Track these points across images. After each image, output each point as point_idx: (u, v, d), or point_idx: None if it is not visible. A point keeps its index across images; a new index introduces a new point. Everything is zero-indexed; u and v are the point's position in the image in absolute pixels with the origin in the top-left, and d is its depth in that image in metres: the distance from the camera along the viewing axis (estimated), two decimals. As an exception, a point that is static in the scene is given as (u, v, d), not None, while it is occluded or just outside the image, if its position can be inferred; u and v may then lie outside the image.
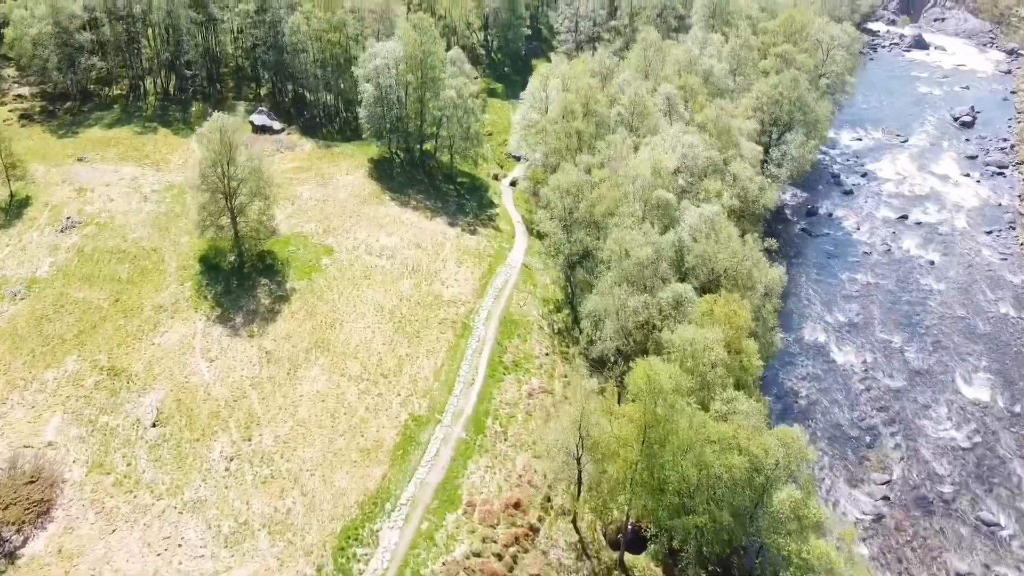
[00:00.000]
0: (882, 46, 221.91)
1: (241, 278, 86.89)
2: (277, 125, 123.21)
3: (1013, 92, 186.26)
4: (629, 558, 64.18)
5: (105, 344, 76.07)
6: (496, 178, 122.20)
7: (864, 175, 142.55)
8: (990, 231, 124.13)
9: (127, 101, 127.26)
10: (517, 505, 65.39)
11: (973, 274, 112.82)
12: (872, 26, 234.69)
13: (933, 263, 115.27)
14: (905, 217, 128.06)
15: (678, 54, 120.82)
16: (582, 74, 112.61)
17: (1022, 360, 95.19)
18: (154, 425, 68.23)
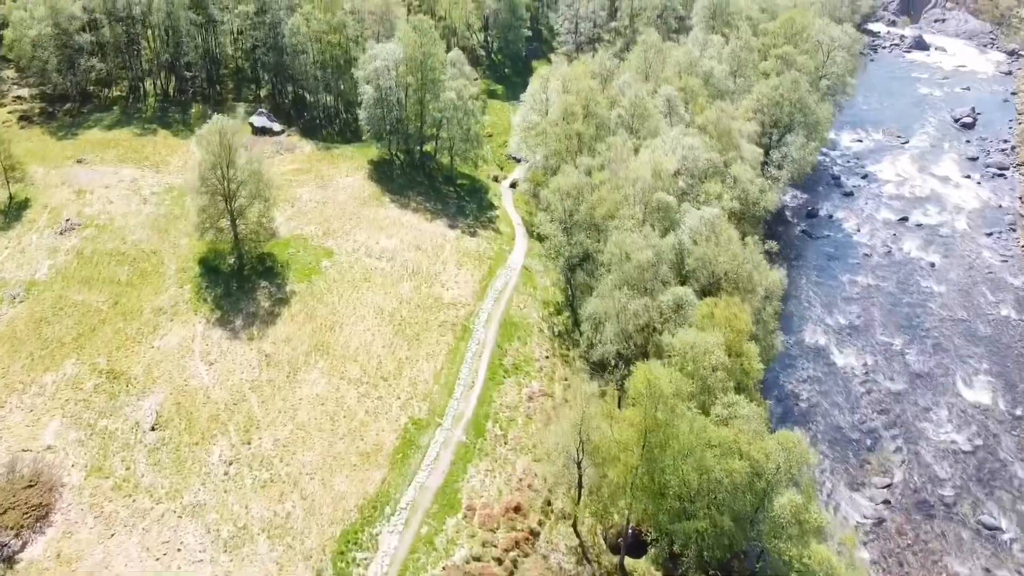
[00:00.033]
0: (882, 47, 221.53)
1: (241, 281, 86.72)
2: (277, 127, 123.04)
3: (1014, 93, 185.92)
4: (630, 562, 64.02)
5: (104, 347, 75.93)
6: (496, 180, 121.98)
7: (864, 177, 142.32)
8: (991, 233, 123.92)
9: (127, 103, 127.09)
10: (517, 509, 65.22)
11: (974, 276, 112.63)
12: (872, 27, 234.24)
13: (934, 265, 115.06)
14: (906, 219, 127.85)
15: (678, 56, 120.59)
16: (582, 76, 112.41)
17: (1023, 363, 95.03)
18: (153, 429, 68.12)
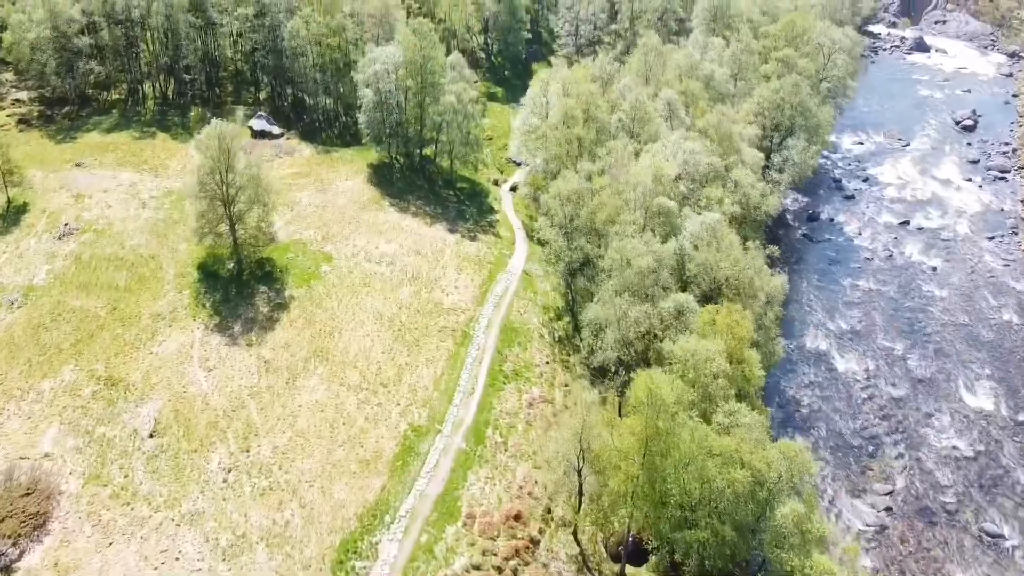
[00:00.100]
0: (883, 49, 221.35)
1: (240, 286, 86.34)
2: (276, 130, 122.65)
3: (1015, 95, 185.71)
4: (630, 571, 63.67)
5: (102, 353, 75.54)
6: (496, 183, 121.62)
7: (865, 180, 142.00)
8: (992, 236, 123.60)
9: (126, 105, 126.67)
10: (517, 517, 64.87)
11: (975, 280, 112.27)
12: (873, 28, 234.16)
13: (935, 269, 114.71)
14: (907, 222, 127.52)
15: (679, 59, 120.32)
16: (583, 79, 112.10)
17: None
18: (151, 436, 67.72)
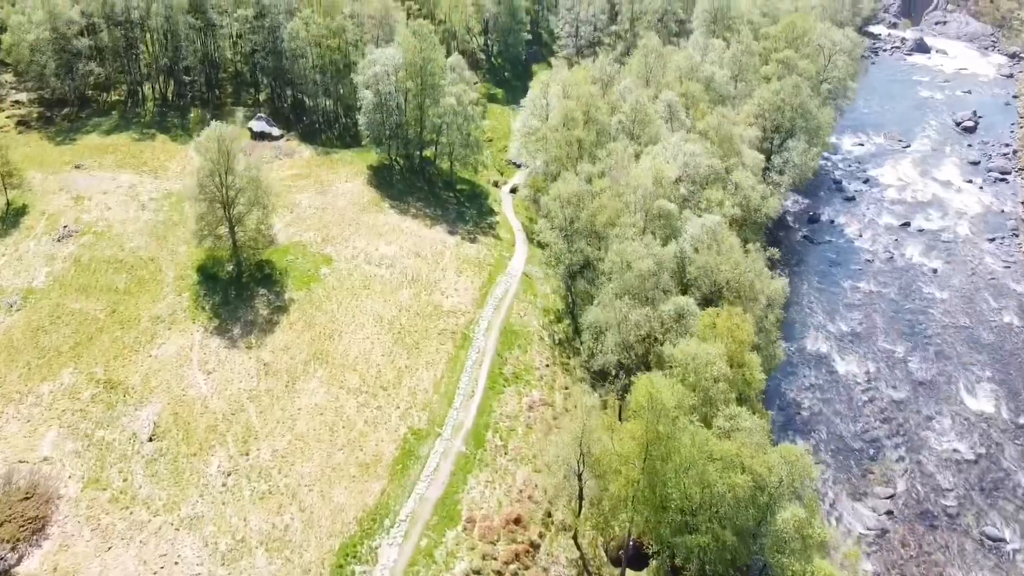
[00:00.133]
0: (883, 49, 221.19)
1: (239, 288, 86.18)
2: (276, 131, 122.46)
3: (1015, 96, 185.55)
4: (631, 575, 63.49)
5: (102, 356, 75.36)
6: (496, 185, 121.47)
7: (866, 181, 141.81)
8: (993, 238, 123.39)
9: (125, 107, 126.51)
10: (518, 521, 64.69)
11: (976, 282, 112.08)
12: (873, 29, 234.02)
13: (936, 271, 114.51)
14: (907, 224, 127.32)
15: (679, 61, 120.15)
16: (583, 81, 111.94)
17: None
18: (151, 439, 67.55)
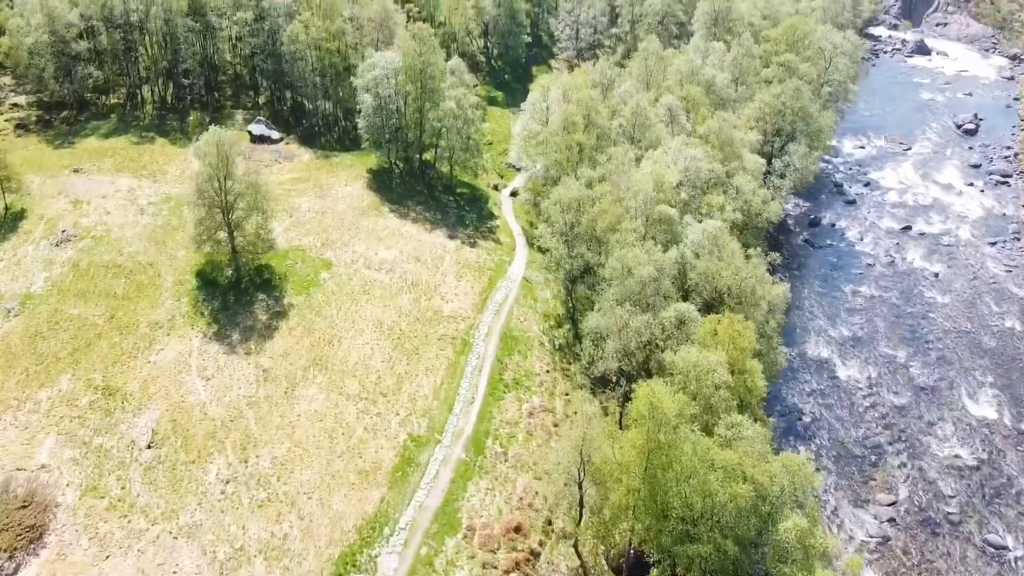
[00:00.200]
0: (884, 51, 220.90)
1: (238, 293, 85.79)
2: (275, 135, 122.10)
3: (1016, 99, 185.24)
4: (632, 584, 63.18)
5: (100, 362, 74.98)
6: (496, 188, 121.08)
7: (867, 184, 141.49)
8: (994, 242, 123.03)
9: (124, 110, 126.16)
10: (518, 529, 64.33)
11: (978, 286, 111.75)
12: (874, 31, 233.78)
13: (937, 275, 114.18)
14: (909, 228, 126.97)
15: (680, 64, 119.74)
16: (583, 85, 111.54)
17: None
18: (149, 446, 67.17)
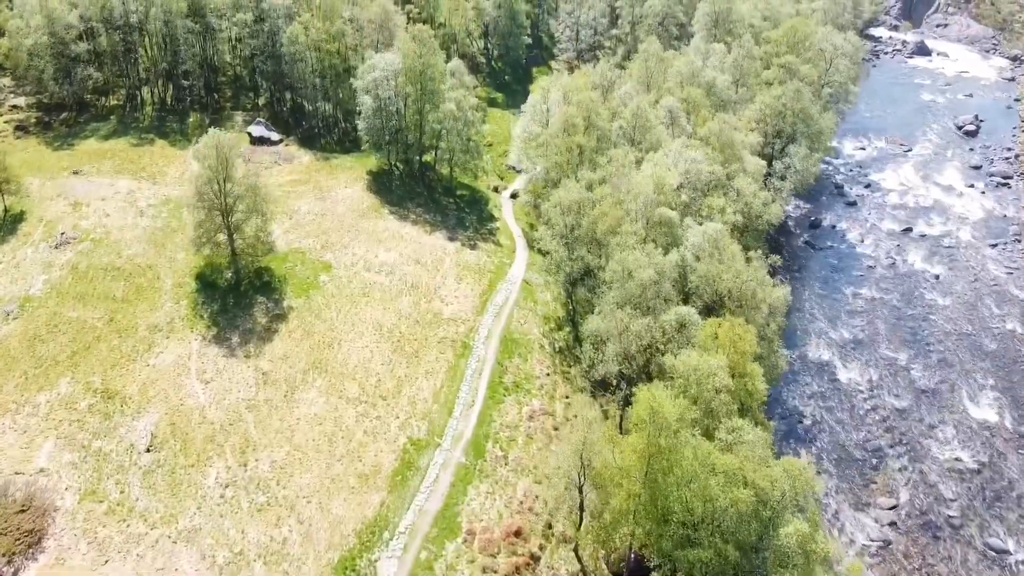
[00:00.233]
0: (884, 52, 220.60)
1: (238, 296, 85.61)
2: (275, 136, 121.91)
3: (1017, 100, 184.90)
4: (632, 588, 62.98)
5: (99, 365, 74.80)
6: (496, 190, 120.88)
7: (868, 186, 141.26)
8: (995, 244, 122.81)
9: (124, 112, 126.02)
10: (518, 533, 64.15)
11: (979, 289, 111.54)
12: (874, 32, 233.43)
13: (938, 277, 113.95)
14: (909, 229, 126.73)
15: (680, 66, 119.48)
16: (583, 87, 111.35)
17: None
18: (148, 450, 67.01)
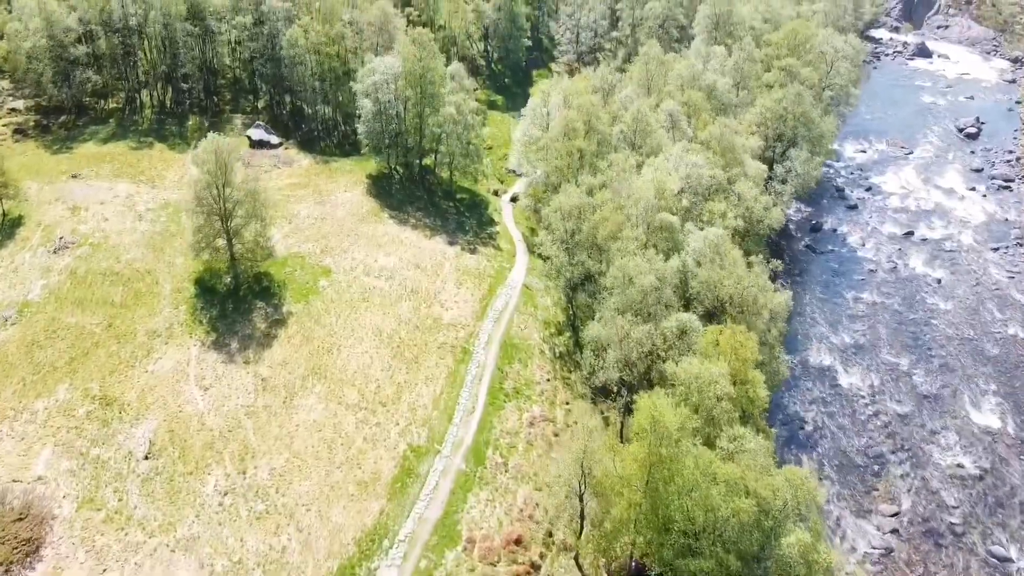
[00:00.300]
0: (885, 54, 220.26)
1: (237, 301, 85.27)
2: (275, 140, 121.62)
3: (1018, 102, 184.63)
4: (633, 597, 62.64)
5: (97, 372, 74.47)
6: (496, 194, 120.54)
7: (869, 189, 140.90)
8: (997, 247, 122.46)
9: (123, 115, 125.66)
10: (518, 541, 63.77)
11: (981, 293, 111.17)
12: (875, 33, 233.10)
13: (940, 281, 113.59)
14: (911, 233, 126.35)
15: (681, 69, 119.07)
16: (583, 90, 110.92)
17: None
18: (146, 457, 66.66)
